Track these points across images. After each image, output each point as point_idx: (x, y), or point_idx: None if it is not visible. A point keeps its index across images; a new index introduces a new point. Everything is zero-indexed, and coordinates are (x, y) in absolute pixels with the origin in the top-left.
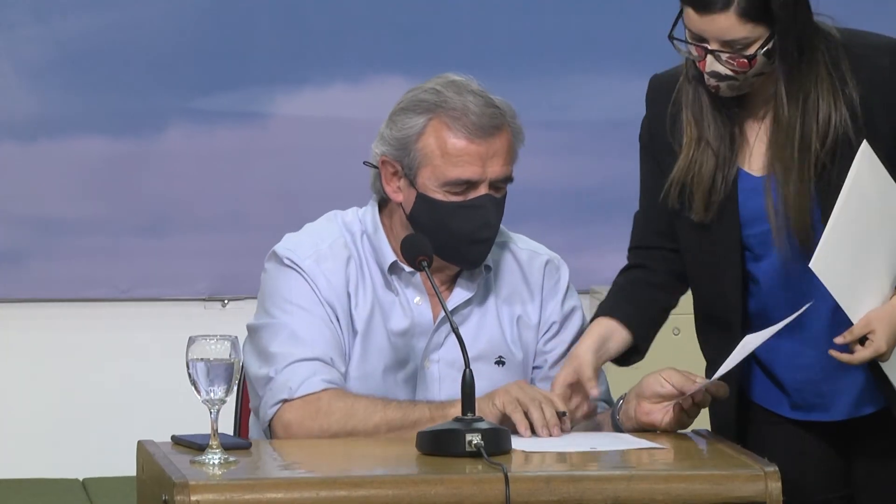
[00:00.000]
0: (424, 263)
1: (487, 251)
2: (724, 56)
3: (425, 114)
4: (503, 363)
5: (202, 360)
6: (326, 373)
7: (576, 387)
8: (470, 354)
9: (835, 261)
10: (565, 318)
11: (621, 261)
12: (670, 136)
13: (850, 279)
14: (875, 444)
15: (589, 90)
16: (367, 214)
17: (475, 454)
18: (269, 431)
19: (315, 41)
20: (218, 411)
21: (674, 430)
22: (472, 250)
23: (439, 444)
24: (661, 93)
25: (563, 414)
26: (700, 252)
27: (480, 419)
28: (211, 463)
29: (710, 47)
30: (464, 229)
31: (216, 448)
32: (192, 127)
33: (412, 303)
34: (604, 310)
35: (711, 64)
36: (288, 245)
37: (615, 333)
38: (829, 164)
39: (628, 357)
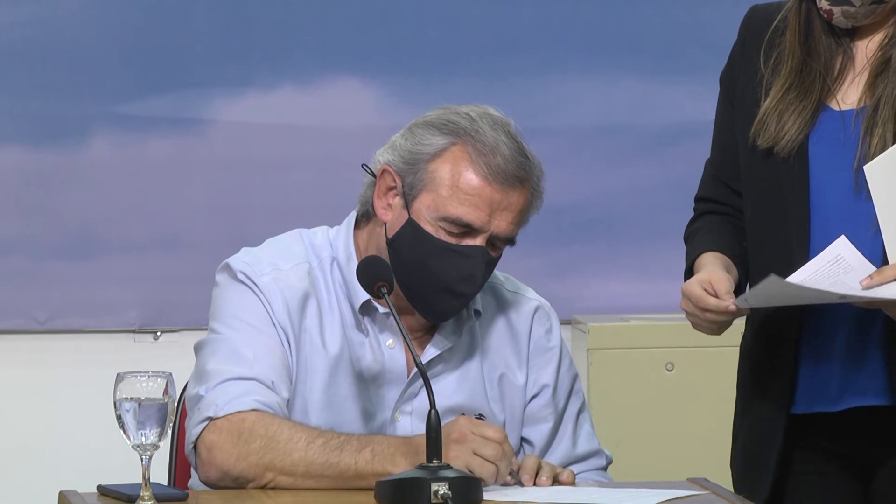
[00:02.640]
0: (384, 290)
1: (459, 308)
2: None
3: (451, 136)
4: (482, 419)
5: (132, 399)
6: (261, 394)
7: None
8: (447, 405)
9: (892, 176)
10: (557, 377)
11: (607, 286)
12: (762, 60)
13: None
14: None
15: (572, 92)
16: (340, 239)
17: None
18: (194, 454)
19: (259, 38)
20: (150, 457)
21: None
22: (442, 301)
23: (401, 495)
24: (759, 25)
25: (516, 479)
26: (763, 193)
27: (447, 466)
28: None
29: None
30: (444, 275)
31: (148, 499)
32: (121, 135)
33: (384, 346)
34: (703, 247)
35: None
36: (245, 258)
37: (729, 264)
38: None
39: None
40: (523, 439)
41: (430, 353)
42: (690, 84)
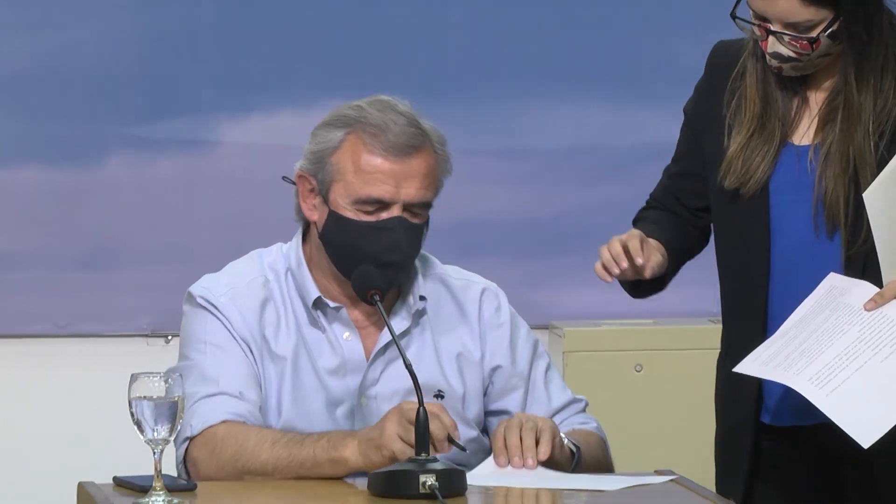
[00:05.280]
0: (377, 298)
1: (395, 277)
2: (786, 37)
3: (344, 128)
4: (442, 397)
5: (145, 398)
6: (230, 405)
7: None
8: (407, 386)
9: (887, 201)
10: (515, 347)
11: (581, 294)
12: (726, 109)
13: (894, 228)
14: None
15: (546, 116)
16: (292, 249)
17: (430, 496)
18: (185, 472)
19: (262, 66)
20: (162, 451)
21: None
22: (376, 275)
23: (392, 486)
24: (725, 60)
25: (459, 446)
26: (729, 223)
27: (434, 459)
28: None
29: (772, 28)
30: (371, 250)
31: (160, 490)
32: (134, 155)
33: (341, 339)
34: (648, 232)
35: (773, 45)
36: (204, 284)
37: (664, 253)
38: (885, 154)
39: (653, 285)
40: (502, 411)
41: (384, 338)
42: (656, 109)
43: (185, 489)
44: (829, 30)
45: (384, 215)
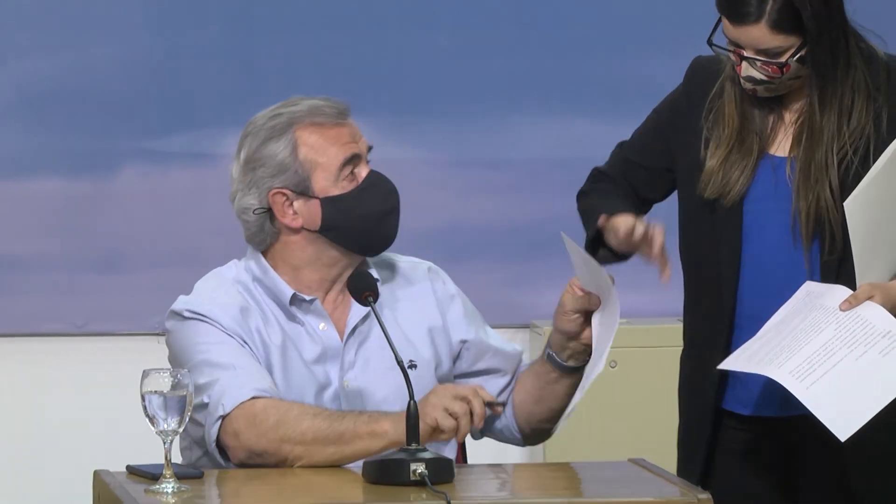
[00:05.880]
0: (370, 299)
1: (397, 220)
2: (758, 62)
3: (285, 132)
4: (415, 366)
5: (156, 392)
6: (255, 381)
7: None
8: (383, 365)
9: (866, 211)
10: (470, 316)
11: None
12: (703, 122)
13: (871, 236)
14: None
15: (530, 130)
16: (251, 262)
17: (419, 483)
18: (219, 451)
19: (265, 84)
20: (171, 442)
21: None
22: (386, 224)
23: (384, 474)
24: (703, 76)
25: (497, 403)
26: (702, 228)
27: (424, 449)
28: (165, 492)
29: (745, 54)
30: (374, 206)
31: (170, 477)
32: (146, 167)
33: (318, 330)
34: (613, 208)
35: (747, 69)
36: (184, 299)
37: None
38: (860, 170)
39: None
40: (489, 370)
41: (353, 321)
42: (632, 124)
43: (192, 476)
44: (798, 55)
45: (361, 174)
